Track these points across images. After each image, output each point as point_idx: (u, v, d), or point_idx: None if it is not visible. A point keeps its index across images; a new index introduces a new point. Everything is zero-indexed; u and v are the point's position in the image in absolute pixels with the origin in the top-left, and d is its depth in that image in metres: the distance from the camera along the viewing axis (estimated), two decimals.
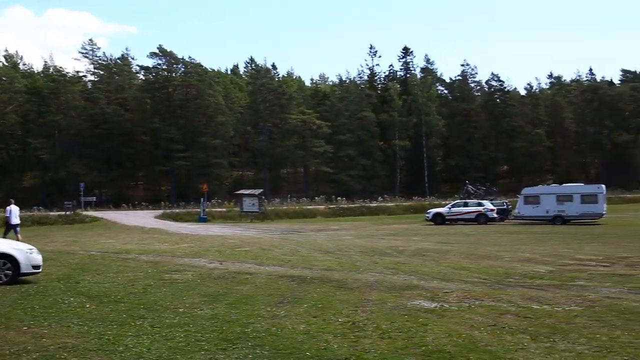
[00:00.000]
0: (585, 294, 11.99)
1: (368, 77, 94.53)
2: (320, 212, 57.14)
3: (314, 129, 79.17)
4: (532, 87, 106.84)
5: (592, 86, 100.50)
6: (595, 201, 39.89)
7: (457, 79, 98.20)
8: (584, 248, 22.68)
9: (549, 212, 40.37)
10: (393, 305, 11.00)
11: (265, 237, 30.75)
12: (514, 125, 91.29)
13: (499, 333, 8.67)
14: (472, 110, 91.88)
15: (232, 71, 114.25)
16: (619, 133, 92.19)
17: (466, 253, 20.94)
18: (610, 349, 7.74)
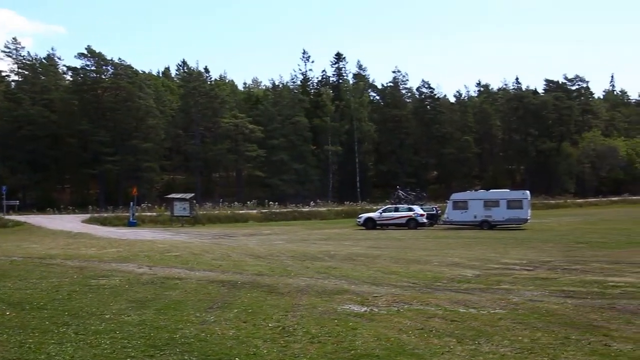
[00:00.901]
0: (509, 297, 12.30)
1: (301, 82, 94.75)
2: (252, 216, 56.87)
3: (246, 133, 78.80)
4: (461, 95, 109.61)
5: (518, 95, 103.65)
6: (521, 207, 40.96)
7: (389, 85, 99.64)
8: (509, 252, 23.24)
9: (477, 217, 41.26)
10: (323, 309, 11.04)
11: (196, 242, 30.37)
12: (443, 132, 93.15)
13: (426, 336, 8.81)
14: (404, 117, 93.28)
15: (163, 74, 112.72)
16: (543, 141, 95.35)
17: (396, 257, 21.18)
18: (531, 350, 7.97)
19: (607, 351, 7.91)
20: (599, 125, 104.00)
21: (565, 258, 20.49)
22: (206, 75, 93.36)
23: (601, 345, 8.23)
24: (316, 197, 72.53)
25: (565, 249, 24.14)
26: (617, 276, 15.45)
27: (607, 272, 16.27)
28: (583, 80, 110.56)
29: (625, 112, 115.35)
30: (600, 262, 18.79)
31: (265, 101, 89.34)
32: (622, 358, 7.60)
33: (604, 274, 15.88)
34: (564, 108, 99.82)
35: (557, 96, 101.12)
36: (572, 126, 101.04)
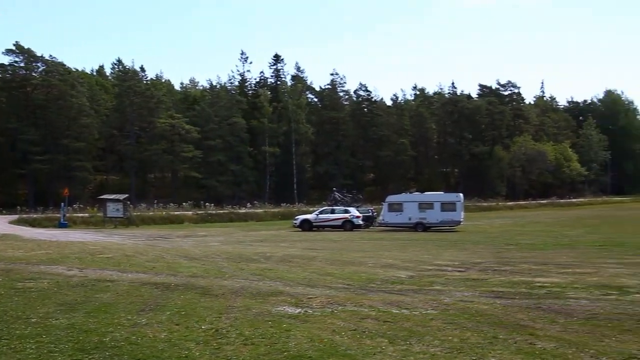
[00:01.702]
0: (441, 298, 12.53)
1: (239, 83, 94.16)
2: (188, 218, 56.27)
3: (183, 133, 77.84)
4: (398, 98, 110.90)
5: (453, 99, 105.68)
6: (454, 209, 41.74)
7: (327, 87, 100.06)
8: (442, 254, 23.66)
9: (411, 219, 41.84)
10: (258, 311, 11.01)
11: (129, 244, 29.83)
12: (380, 135, 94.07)
13: (359, 337, 8.90)
14: (341, 119, 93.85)
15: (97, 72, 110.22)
16: (476, 144, 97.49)
17: (331, 259, 21.30)
18: (460, 349, 8.15)
19: (531, 350, 8.15)
20: (529, 130, 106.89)
21: (496, 259, 20.99)
22: (142, 74, 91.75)
23: (526, 344, 8.48)
24: (253, 199, 72.25)
25: (496, 251, 24.72)
26: (543, 277, 15.92)
27: (535, 273, 16.74)
28: (515, 86, 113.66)
29: (554, 117, 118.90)
30: (528, 264, 19.31)
31: (203, 102, 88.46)
32: (545, 356, 7.84)
33: (531, 275, 16.34)
34: (497, 113, 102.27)
35: (490, 101, 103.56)
36: (504, 130, 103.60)
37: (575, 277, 15.69)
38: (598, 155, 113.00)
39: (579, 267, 18.03)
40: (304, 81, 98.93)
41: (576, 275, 16.07)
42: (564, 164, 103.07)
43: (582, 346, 8.31)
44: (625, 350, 8.07)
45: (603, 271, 16.93)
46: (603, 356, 7.81)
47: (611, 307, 11.36)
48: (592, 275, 16.00)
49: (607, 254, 22.71)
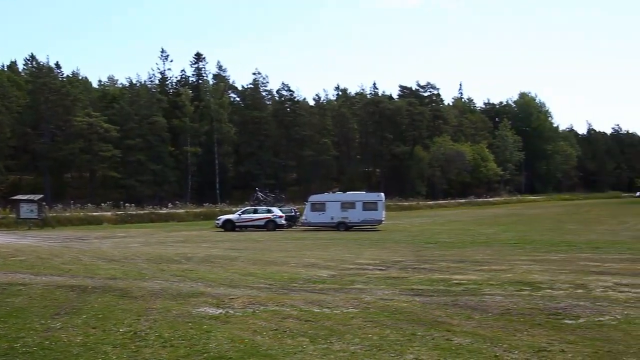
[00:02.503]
0: (362, 297, 12.69)
1: (159, 82, 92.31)
2: (106, 218, 54.89)
3: (101, 132, 75.74)
4: (320, 98, 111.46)
5: (375, 100, 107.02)
6: (376, 208, 42.27)
7: (249, 87, 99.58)
8: (364, 253, 23.94)
9: (334, 218, 42.14)
10: (178, 313, 10.88)
11: (44, 246, 28.89)
12: (303, 134, 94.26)
13: (280, 337, 8.92)
14: (264, 119, 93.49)
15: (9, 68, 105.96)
16: (397, 145, 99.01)
17: (254, 259, 21.25)
18: (380, 347, 8.28)
19: (448, 345, 8.37)
20: (448, 130, 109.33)
21: (416, 258, 21.40)
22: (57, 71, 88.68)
23: (444, 340, 8.69)
24: (174, 199, 71.11)
25: (416, 249, 25.19)
26: (461, 274, 16.34)
27: (453, 271, 17.17)
28: (434, 87, 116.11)
29: (472, 118, 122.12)
30: (447, 261, 19.78)
31: (122, 100, 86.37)
32: (461, 351, 8.06)
33: (449, 273, 16.74)
34: (417, 113, 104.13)
35: (410, 102, 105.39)
36: (424, 131, 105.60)
37: (490, 274, 16.17)
38: (513, 156, 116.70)
39: (495, 265, 18.60)
40: (226, 80, 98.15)
41: (492, 272, 16.56)
42: (481, 164, 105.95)
43: (496, 341, 8.59)
44: (536, 344, 8.40)
45: (517, 268, 17.52)
46: (515, 350, 8.10)
47: (524, 302, 11.78)
48: (507, 272, 16.53)
49: (520, 251, 23.51)
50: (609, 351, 7.96)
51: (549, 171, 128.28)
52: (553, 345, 8.33)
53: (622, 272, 16.26)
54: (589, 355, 7.81)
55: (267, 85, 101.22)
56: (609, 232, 33.65)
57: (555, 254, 21.98)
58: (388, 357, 7.85)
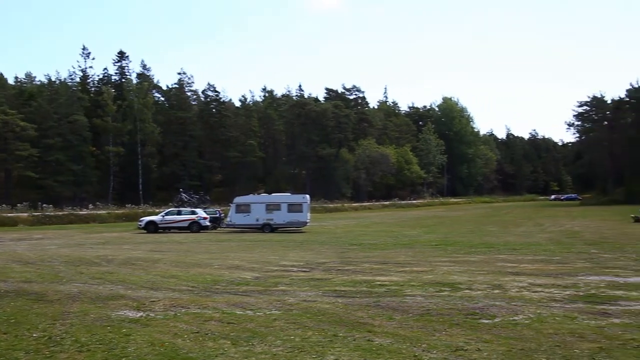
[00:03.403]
0: (285, 298, 12.70)
1: (80, 80, 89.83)
2: (22, 220, 52.99)
3: (17, 130, 73.05)
4: (247, 100, 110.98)
5: (301, 102, 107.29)
6: (301, 210, 42.37)
7: (174, 87, 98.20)
8: (288, 255, 23.96)
9: (259, 220, 42.00)
10: (96, 316, 10.62)
11: None
12: (228, 135, 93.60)
13: (201, 340, 8.83)
14: (189, 119, 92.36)
15: None
16: (323, 147, 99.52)
17: (177, 261, 20.97)
18: (302, 348, 8.32)
19: (369, 346, 8.47)
20: (373, 133, 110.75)
21: (340, 259, 21.56)
22: None
23: (365, 340, 8.80)
24: (95, 200, 69.33)
25: (340, 251, 25.36)
26: (383, 275, 16.57)
27: (376, 272, 17.37)
28: (359, 90, 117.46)
29: (396, 121, 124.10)
30: (370, 263, 20.01)
31: (40, 98, 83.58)
32: (381, 351, 8.18)
33: (372, 274, 16.94)
34: (343, 116, 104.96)
35: (336, 104, 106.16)
36: (350, 134, 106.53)
37: (412, 275, 16.46)
38: (436, 159, 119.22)
39: (416, 266, 18.93)
40: (150, 80, 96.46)
41: (413, 274, 16.85)
42: (405, 167, 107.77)
43: (416, 341, 8.75)
44: (454, 343, 8.60)
45: (437, 269, 17.89)
46: (434, 349, 8.27)
47: (443, 302, 12.04)
48: (428, 273, 16.86)
49: (441, 252, 24.01)
50: (521, 349, 8.24)
51: (470, 174, 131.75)
52: (470, 344, 8.55)
53: (536, 272, 16.83)
54: (503, 353, 8.06)
55: (192, 85, 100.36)
56: (525, 234, 34.76)
57: (474, 255, 22.56)
58: (309, 359, 7.89)
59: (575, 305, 11.58)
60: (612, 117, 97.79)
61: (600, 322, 9.99)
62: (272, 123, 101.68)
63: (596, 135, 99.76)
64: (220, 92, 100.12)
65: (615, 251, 23.41)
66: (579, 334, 9.07)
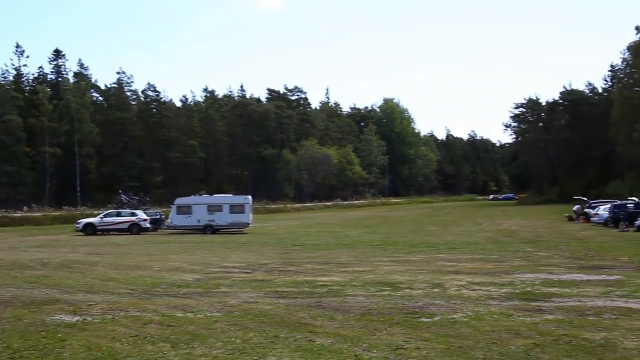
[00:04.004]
0: (226, 300, 12.61)
1: (14, 78, 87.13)
2: None
3: None
4: (187, 100, 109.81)
5: (243, 102, 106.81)
6: (243, 211, 42.18)
7: (113, 86, 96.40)
8: (230, 256, 23.83)
9: (200, 221, 41.59)
10: (30, 321, 10.33)
11: None
12: (169, 136, 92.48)
13: (140, 343, 8.69)
14: (128, 119, 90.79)
15: None
16: (265, 147, 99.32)
17: (115, 264, 20.59)
18: (242, 350, 8.26)
19: (310, 346, 8.48)
20: (315, 134, 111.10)
21: (282, 260, 21.55)
22: None
23: (306, 341, 8.80)
24: (30, 202, 67.41)
25: (282, 252, 25.36)
26: (325, 276, 16.63)
27: (318, 273, 17.43)
28: (301, 91, 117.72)
29: (339, 122, 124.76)
30: (312, 263, 20.06)
31: None
32: (322, 352, 8.19)
33: (314, 274, 16.98)
34: (285, 117, 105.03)
35: (278, 105, 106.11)
36: (292, 134, 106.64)
37: (354, 275, 16.57)
38: (377, 160, 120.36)
39: (358, 266, 19.07)
40: (88, 79, 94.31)
41: (355, 274, 16.97)
42: (347, 167, 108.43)
43: (357, 340, 8.80)
44: (394, 342, 8.68)
45: (379, 269, 18.05)
46: (374, 349, 8.33)
47: (384, 302, 12.15)
48: (369, 273, 16.99)
49: (383, 252, 24.26)
50: (459, 347, 8.37)
51: (411, 174, 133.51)
52: (409, 342, 8.64)
53: (474, 271, 17.17)
54: (441, 351, 8.17)
55: (131, 85, 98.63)
56: (465, 233, 35.44)
57: (415, 254, 22.87)
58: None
59: (512, 303, 11.86)
60: (546, 118, 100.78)
61: (535, 319, 10.25)
62: (213, 123, 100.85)
63: (531, 137, 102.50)
64: (161, 92, 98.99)
65: (549, 249, 24.09)
66: (514, 331, 9.28)
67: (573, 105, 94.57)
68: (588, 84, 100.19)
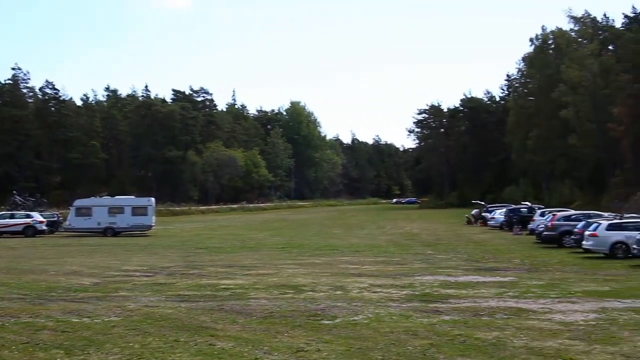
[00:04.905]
0: (125, 304, 12.33)
1: None
2: None
3: None
4: (89, 98, 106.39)
5: (147, 103, 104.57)
6: (145, 213, 41.28)
7: (8, 83, 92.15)
8: (131, 259, 23.30)
9: (101, 224, 40.39)
10: None
11: None
12: (69, 136, 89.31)
13: (31, 350, 8.37)
14: (24, 117, 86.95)
15: None
16: (170, 149, 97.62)
17: (8, 268, 19.72)
18: (140, 355, 8.10)
19: (211, 350, 8.41)
20: (221, 136, 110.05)
21: (185, 263, 21.29)
22: None
23: (207, 345, 8.73)
24: None
25: (186, 255, 25.02)
26: (229, 279, 16.54)
27: (221, 276, 17.31)
28: (207, 92, 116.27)
29: (245, 125, 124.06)
30: (215, 266, 19.91)
31: None
32: (223, 355, 8.15)
33: (217, 278, 16.87)
34: (190, 118, 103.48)
35: (183, 106, 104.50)
36: (197, 136, 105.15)
37: (257, 278, 16.56)
38: (284, 163, 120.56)
39: (262, 269, 19.08)
40: None
41: (259, 277, 16.97)
42: (253, 170, 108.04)
43: (258, 343, 8.80)
44: (295, 345, 8.74)
45: (282, 272, 18.12)
46: (275, 352, 8.35)
47: (287, 305, 12.21)
48: (273, 276, 17.03)
49: (287, 255, 24.37)
50: (359, 348, 8.52)
51: (317, 178, 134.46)
52: (311, 345, 8.72)
53: (376, 273, 17.51)
54: (341, 353, 8.29)
55: (28, 82, 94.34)
56: (368, 236, 36.07)
57: (319, 257, 23.10)
58: None
59: (411, 304, 12.17)
60: (447, 125, 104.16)
61: (432, 320, 10.57)
62: (116, 123, 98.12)
63: (433, 142, 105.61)
64: (60, 90, 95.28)
65: (448, 252, 24.90)
66: (412, 332, 9.53)
67: (472, 112, 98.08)
68: (487, 92, 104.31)
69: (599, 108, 55.60)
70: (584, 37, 66.17)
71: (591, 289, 14.41)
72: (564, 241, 26.97)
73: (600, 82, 56.58)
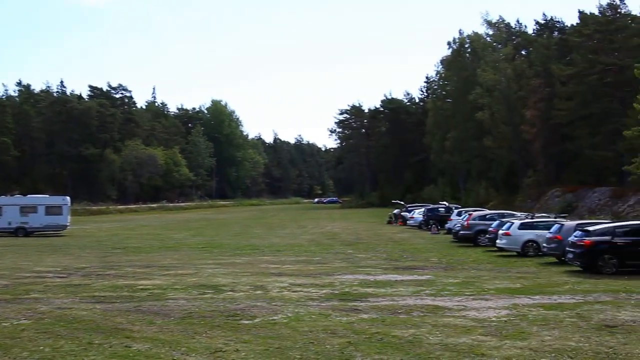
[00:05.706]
0: (36, 307, 11.92)
1: None
2: None
3: None
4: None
5: (62, 99, 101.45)
6: (60, 213, 40.03)
7: None
8: (44, 260, 22.59)
9: (12, 223, 38.92)
10: None
11: None
12: None
13: None
14: None
15: None
16: (87, 147, 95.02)
17: None
18: (52, 359, 7.84)
19: (126, 352, 8.23)
20: (140, 134, 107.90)
21: (101, 264, 20.80)
22: None
23: (122, 347, 8.54)
24: None
25: (102, 255, 24.46)
26: (147, 279, 16.24)
27: (139, 276, 16.99)
28: (126, 89, 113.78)
29: (165, 123, 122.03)
30: (133, 267, 19.53)
31: None
32: (139, 357, 7.99)
33: (135, 278, 16.53)
34: (108, 115, 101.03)
35: (101, 103, 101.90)
36: (116, 134, 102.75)
37: (176, 279, 16.33)
38: (205, 161, 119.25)
39: (181, 269, 18.83)
40: None
41: (178, 277, 16.74)
42: (173, 169, 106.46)
43: (175, 345, 8.67)
44: (213, 345, 8.66)
45: (202, 272, 17.94)
46: (193, 353, 8.25)
47: (206, 305, 12.09)
48: (192, 276, 16.83)
49: (207, 255, 24.15)
50: (278, 347, 8.52)
51: (239, 177, 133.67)
52: (229, 345, 8.66)
53: (297, 273, 17.56)
54: (260, 352, 8.26)
55: None
56: (289, 236, 36.13)
57: (240, 257, 23.00)
58: None
59: (330, 303, 12.26)
60: (368, 125, 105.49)
61: (351, 318, 10.67)
62: (29, 120, 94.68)
63: (355, 142, 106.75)
64: None
65: (368, 251, 25.23)
66: (331, 331, 9.60)
67: (393, 113, 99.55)
68: (407, 93, 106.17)
69: (513, 111, 57.47)
70: (499, 41, 68.23)
71: (504, 286, 14.88)
72: (479, 240, 27.77)
73: (513, 85, 58.39)
